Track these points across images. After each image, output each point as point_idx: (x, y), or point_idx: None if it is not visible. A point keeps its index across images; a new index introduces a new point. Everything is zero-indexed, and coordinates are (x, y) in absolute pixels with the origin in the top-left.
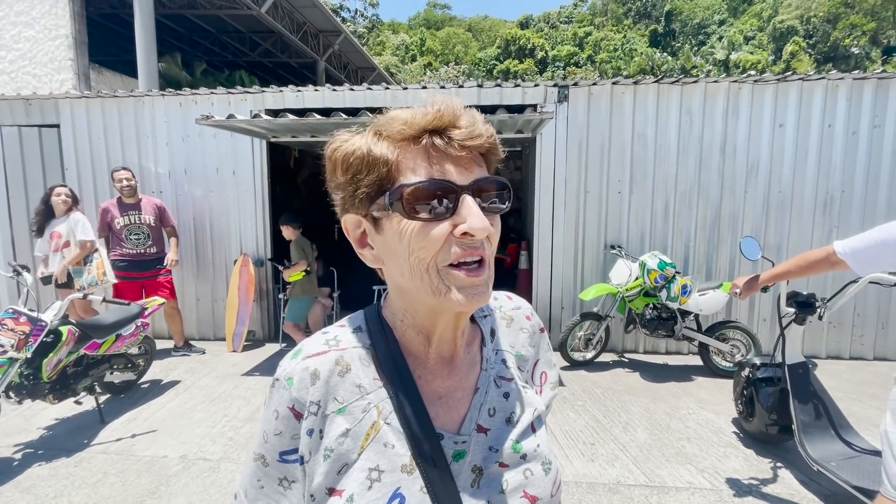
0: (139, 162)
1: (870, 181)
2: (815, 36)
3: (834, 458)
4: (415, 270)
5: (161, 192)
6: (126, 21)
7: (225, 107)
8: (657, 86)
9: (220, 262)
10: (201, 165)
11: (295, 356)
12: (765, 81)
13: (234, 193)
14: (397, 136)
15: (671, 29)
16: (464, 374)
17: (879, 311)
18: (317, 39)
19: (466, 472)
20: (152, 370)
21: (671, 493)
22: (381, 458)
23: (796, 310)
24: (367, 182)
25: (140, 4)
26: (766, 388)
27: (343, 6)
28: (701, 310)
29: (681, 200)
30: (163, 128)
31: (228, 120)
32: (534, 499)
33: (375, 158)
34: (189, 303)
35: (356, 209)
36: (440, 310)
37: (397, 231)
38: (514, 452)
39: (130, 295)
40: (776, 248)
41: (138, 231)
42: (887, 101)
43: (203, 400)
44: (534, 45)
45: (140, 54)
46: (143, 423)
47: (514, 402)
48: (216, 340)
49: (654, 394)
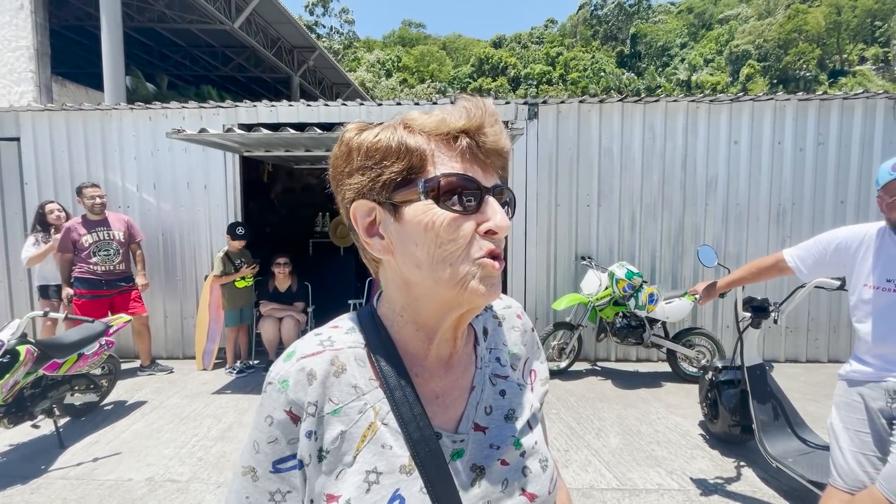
0: (105, 176)
1: (816, 194)
2: (768, 60)
3: (791, 454)
4: (438, 261)
5: (128, 206)
6: (92, 33)
7: (197, 121)
8: (621, 104)
9: (189, 278)
10: (171, 180)
11: (288, 358)
12: (720, 101)
13: (206, 208)
14: (433, 130)
15: (637, 51)
16: (460, 373)
17: (831, 316)
18: (291, 55)
19: (466, 471)
20: (116, 391)
21: (641, 496)
22: (378, 460)
23: (752, 314)
24: (396, 169)
25: (107, 17)
26: (728, 391)
27: (318, 23)
28: (668, 317)
29: (646, 213)
30: (131, 142)
31: (201, 134)
32: (532, 496)
33: (409, 148)
34: (157, 321)
35: (374, 195)
36: (454, 303)
37: (423, 221)
38: (515, 449)
39: (97, 313)
40: (736, 258)
41: (108, 247)
42: (829, 120)
43: (171, 420)
44: (506, 64)
45: (107, 67)
46: (106, 445)
47: (511, 399)
48: (185, 359)
49: (626, 400)
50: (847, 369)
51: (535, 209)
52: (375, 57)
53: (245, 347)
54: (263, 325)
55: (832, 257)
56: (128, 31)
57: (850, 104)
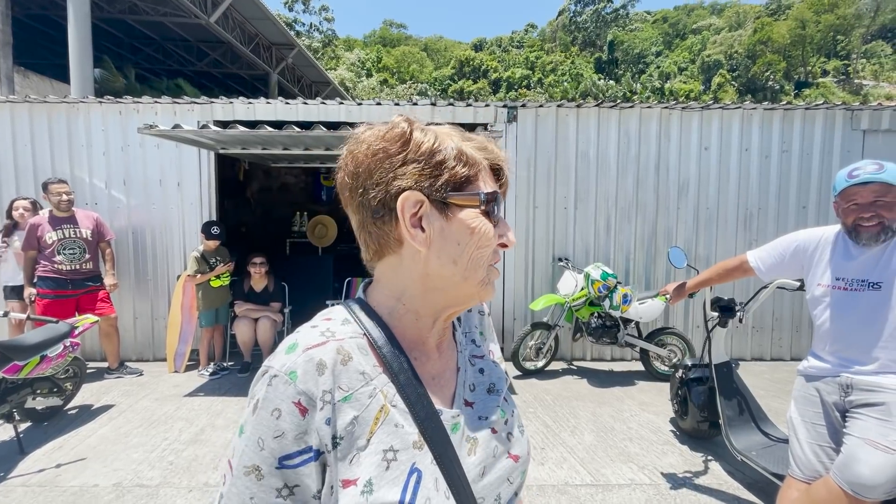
0: (71, 172)
1: (780, 199)
2: (737, 70)
3: (755, 448)
4: (473, 261)
5: (96, 203)
6: (58, 23)
7: (170, 117)
8: (598, 109)
9: (161, 278)
10: (142, 177)
11: (291, 350)
12: (691, 109)
13: (179, 206)
14: (479, 154)
15: (614, 57)
16: (448, 356)
17: (793, 316)
18: (269, 52)
19: (463, 443)
20: (82, 394)
21: (615, 490)
22: (393, 439)
23: (719, 314)
24: (458, 173)
25: (74, 7)
26: (697, 388)
27: (297, 20)
28: (641, 317)
29: (621, 216)
30: (100, 136)
31: (175, 130)
32: (516, 458)
33: (472, 159)
34: (126, 322)
35: (430, 189)
36: (467, 298)
37: (472, 225)
38: (500, 418)
39: (62, 314)
40: (706, 259)
41: (73, 245)
42: (792, 129)
43: (140, 423)
44: (487, 67)
45: (73, 59)
46: (70, 451)
47: (489, 374)
48: (156, 361)
49: (600, 399)
50: (805, 365)
51: (514, 211)
52: (356, 56)
53: (219, 349)
54: (238, 326)
55: (791, 259)
56: (96, 22)
57: (811, 114)
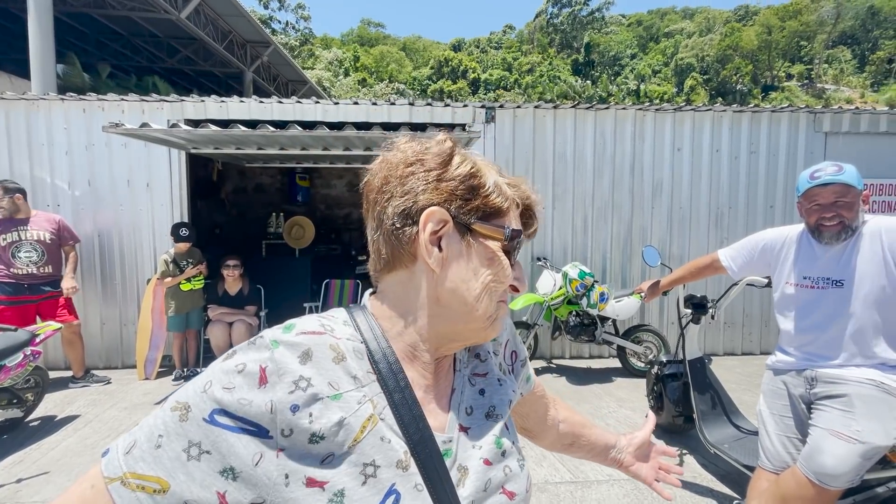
0: (31, 172)
1: (750, 198)
2: (709, 73)
3: (727, 440)
4: (486, 293)
5: (58, 205)
6: (17, 16)
7: (138, 115)
8: (574, 111)
9: (130, 282)
10: (109, 177)
11: (287, 330)
12: (664, 110)
13: (148, 208)
14: (511, 191)
15: (591, 59)
16: (443, 376)
17: (763, 312)
18: (244, 49)
19: (453, 472)
20: (45, 405)
21: (593, 486)
22: (376, 453)
23: (692, 311)
24: (490, 203)
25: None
26: (672, 383)
27: (273, 17)
28: (617, 315)
29: (597, 215)
30: (62, 135)
31: (142, 129)
32: (512, 494)
33: (506, 194)
34: (92, 328)
35: (457, 211)
36: (472, 333)
37: (491, 257)
38: (496, 448)
39: (21, 321)
40: (679, 258)
41: (30, 249)
42: (760, 131)
43: (108, 434)
44: (466, 68)
45: (34, 54)
46: (32, 465)
47: (490, 396)
48: (125, 368)
49: (580, 396)
50: (773, 360)
51: None
52: (333, 55)
53: (193, 354)
54: (212, 331)
55: (759, 257)
56: (59, 16)
57: (777, 117)
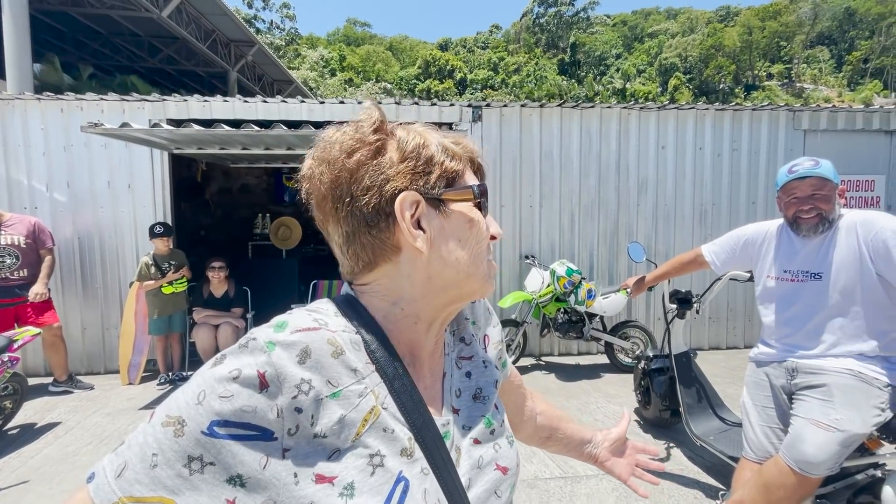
0: (7, 174)
1: (732, 195)
2: (692, 73)
3: (712, 433)
4: (476, 255)
5: (35, 207)
6: None
7: (118, 114)
8: (560, 109)
9: (112, 285)
10: (88, 178)
11: (280, 329)
12: (648, 109)
13: (130, 209)
14: (458, 148)
15: (576, 59)
16: (436, 361)
17: (746, 306)
18: (228, 49)
19: (452, 453)
20: (24, 412)
21: (582, 481)
22: (381, 443)
23: (677, 306)
24: (448, 169)
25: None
26: (659, 378)
27: (258, 17)
28: (605, 312)
29: (584, 213)
30: (38, 136)
31: (122, 129)
32: (505, 469)
33: (457, 154)
34: (74, 332)
35: (424, 188)
36: (469, 294)
37: (469, 218)
38: (485, 428)
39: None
40: (664, 254)
41: (3, 253)
42: (741, 129)
43: (90, 441)
44: (453, 67)
45: (9, 53)
46: (11, 474)
47: (476, 379)
48: (108, 374)
49: (568, 392)
50: (755, 352)
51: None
52: (319, 54)
53: (178, 357)
54: (198, 334)
55: (741, 252)
56: (36, 14)
57: (758, 115)
